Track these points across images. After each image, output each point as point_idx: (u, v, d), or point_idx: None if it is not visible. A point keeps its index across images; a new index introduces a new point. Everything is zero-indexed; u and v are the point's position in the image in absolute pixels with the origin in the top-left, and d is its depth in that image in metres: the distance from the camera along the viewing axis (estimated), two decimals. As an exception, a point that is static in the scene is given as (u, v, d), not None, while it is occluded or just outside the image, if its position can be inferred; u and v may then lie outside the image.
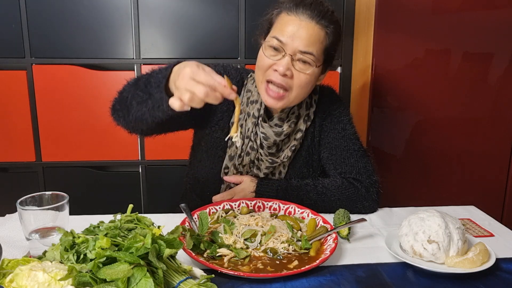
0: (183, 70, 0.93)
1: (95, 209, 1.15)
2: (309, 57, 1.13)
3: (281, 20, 1.16)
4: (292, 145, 1.28)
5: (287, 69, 1.13)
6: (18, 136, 2.03)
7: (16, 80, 1.97)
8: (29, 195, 0.93)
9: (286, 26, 1.13)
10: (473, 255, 0.91)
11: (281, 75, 1.13)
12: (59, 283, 0.73)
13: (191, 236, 0.94)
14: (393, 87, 2.07)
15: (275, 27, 1.17)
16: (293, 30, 1.12)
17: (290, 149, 1.28)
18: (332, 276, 0.89)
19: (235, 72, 1.34)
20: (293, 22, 1.13)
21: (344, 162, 1.26)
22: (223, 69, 1.32)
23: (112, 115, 1.19)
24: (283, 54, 1.13)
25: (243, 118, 1.29)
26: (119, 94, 1.16)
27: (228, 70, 1.33)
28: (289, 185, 1.23)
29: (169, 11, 1.97)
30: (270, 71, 1.15)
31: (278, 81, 1.14)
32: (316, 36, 1.13)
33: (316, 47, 1.14)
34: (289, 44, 1.12)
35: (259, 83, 1.20)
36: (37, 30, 1.94)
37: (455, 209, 1.26)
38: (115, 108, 1.17)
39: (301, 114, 1.29)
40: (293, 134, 1.28)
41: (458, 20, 2.01)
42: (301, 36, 1.12)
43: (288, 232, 1.02)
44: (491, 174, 2.22)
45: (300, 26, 1.12)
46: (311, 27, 1.13)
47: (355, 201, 1.21)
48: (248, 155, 1.28)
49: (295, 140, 1.28)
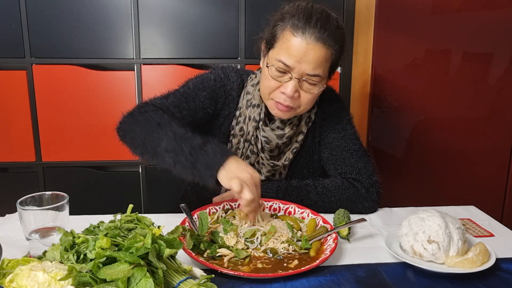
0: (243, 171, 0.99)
1: (95, 209, 1.15)
2: (316, 78, 1.12)
3: (286, 39, 1.11)
4: (293, 147, 1.28)
5: (294, 91, 1.12)
6: (18, 136, 2.03)
7: (16, 80, 1.97)
8: (29, 195, 0.92)
9: (292, 48, 1.09)
10: (473, 255, 0.91)
11: (289, 98, 1.13)
12: (59, 283, 0.73)
13: (191, 236, 0.94)
14: (393, 87, 2.07)
15: (280, 47, 1.12)
16: (300, 54, 1.08)
17: (292, 151, 1.28)
18: (332, 276, 0.89)
19: (235, 74, 1.31)
20: (299, 45, 1.08)
21: (344, 162, 1.26)
22: (223, 71, 1.31)
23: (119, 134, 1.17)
24: (289, 76, 1.11)
25: (243, 120, 1.27)
26: (141, 127, 1.11)
27: (227, 73, 1.31)
28: (289, 186, 1.23)
29: (169, 11, 1.97)
30: (276, 92, 1.14)
31: (286, 103, 1.13)
32: (323, 57, 1.10)
33: (323, 68, 1.12)
34: (296, 67, 1.10)
35: (265, 99, 1.20)
36: (37, 30, 1.94)
37: (455, 209, 1.26)
38: (129, 135, 1.13)
39: (303, 116, 1.28)
40: (295, 136, 1.28)
41: (458, 20, 2.01)
42: (308, 59, 1.09)
43: (288, 232, 1.02)
44: (491, 174, 2.22)
45: (308, 49, 1.08)
46: (318, 49, 1.09)
47: (355, 201, 1.21)
48: (248, 158, 1.27)
49: (297, 142, 1.28)
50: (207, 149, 1.02)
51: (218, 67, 1.33)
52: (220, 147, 1.03)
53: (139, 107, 1.18)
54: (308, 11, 1.11)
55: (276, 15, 1.17)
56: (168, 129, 1.07)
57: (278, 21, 1.14)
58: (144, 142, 1.09)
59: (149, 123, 1.10)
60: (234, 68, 1.35)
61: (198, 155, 1.01)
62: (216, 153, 1.01)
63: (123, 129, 1.16)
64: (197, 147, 1.02)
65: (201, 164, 1.00)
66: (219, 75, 1.29)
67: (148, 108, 1.17)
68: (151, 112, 1.15)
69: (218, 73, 1.29)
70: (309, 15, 1.10)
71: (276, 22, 1.15)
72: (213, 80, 1.28)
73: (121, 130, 1.16)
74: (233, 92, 1.29)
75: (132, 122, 1.14)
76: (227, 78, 1.30)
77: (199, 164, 1.00)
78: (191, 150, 1.02)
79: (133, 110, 1.18)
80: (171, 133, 1.06)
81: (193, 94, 1.24)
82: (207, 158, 1.00)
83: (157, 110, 1.16)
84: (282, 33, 1.12)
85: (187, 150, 1.02)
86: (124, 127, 1.16)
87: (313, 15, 1.10)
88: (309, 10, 1.11)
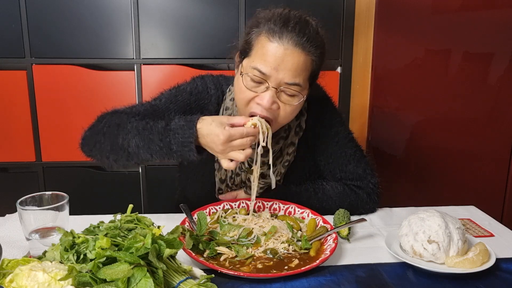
0: (212, 137, 0.95)
1: (95, 209, 1.15)
2: (296, 88, 1.02)
3: (261, 46, 1.01)
4: (285, 161, 1.20)
5: (272, 102, 1.02)
6: (18, 136, 2.03)
7: (16, 80, 1.98)
8: (29, 195, 0.92)
9: (268, 54, 0.99)
10: (473, 255, 0.91)
11: (265, 109, 1.03)
12: (59, 283, 0.73)
13: (191, 236, 0.94)
14: (393, 87, 2.06)
15: (255, 54, 1.02)
16: (277, 61, 0.99)
17: (283, 165, 1.20)
18: (332, 276, 0.89)
19: (214, 86, 1.22)
20: (276, 51, 0.99)
21: (342, 169, 1.22)
22: (201, 83, 1.22)
23: (84, 150, 1.13)
24: (266, 86, 1.02)
25: None
26: (104, 135, 1.07)
27: (206, 85, 1.22)
28: (288, 192, 1.20)
29: (169, 11, 1.97)
30: (252, 104, 1.04)
31: (263, 114, 1.03)
32: (302, 64, 1.01)
33: (302, 76, 1.02)
34: (273, 76, 1.00)
35: (241, 112, 1.10)
36: (37, 30, 1.94)
37: (455, 209, 1.26)
38: (95, 147, 1.09)
39: (292, 126, 1.19)
40: (285, 148, 1.19)
41: (458, 20, 2.01)
42: (286, 66, 0.99)
43: (288, 232, 1.02)
44: (491, 174, 2.22)
45: (285, 55, 0.99)
46: (297, 55, 0.99)
47: (356, 206, 1.20)
48: (239, 176, 1.21)
49: (288, 155, 1.20)
50: (173, 127, 0.99)
51: (198, 77, 1.24)
52: (183, 119, 1.00)
53: (98, 117, 1.15)
54: (285, 16, 1.03)
55: (251, 21, 1.08)
56: (129, 126, 1.04)
57: (253, 27, 1.05)
58: (112, 148, 1.05)
59: (110, 128, 1.07)
60: (215, 78, 1.25)
61: (168, 138, 0.99)
62: (183, 126, 0.98)
63: (87, 143, 1.12)
64: (162, 130, 1.00)
65: (176, 144, 0.98)
66: (197, 87, 1.21)
67: (106, 115, 1.13)
68: (108, 117, 1.11)
69: (196, 85, 1.21)
70: (286, 19, 1.02)
71: (251, 29, 1.05)
72: (189, 93, 1.20)
73: (85, 145, 1.12)
74: (210, 106, 1.21)
75: (94, 133, 1.10)
76: (205, 91, 1.21)
77: (174, 145, 0.98)
78: (160, 136, 0.99)
79: (92, 123, 1.14)
80: (134, 130, 1.03)
81: (163, 108, 1.17)
82: (178, 136, 0.98)
83: (114, 113, 1.12)
84: (257, 39, 1.03)
85: (156, 138, 1.00)
86: (87, 142, 1.12)
87: (291, 20, 1.02)
88: (286, 15, 1.03)
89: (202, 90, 1.21)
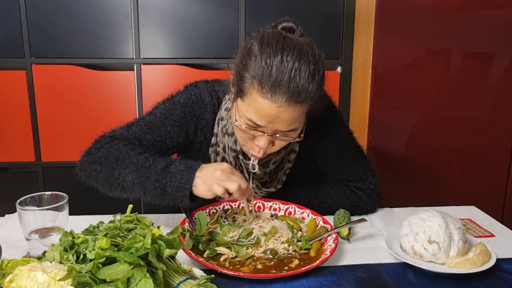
0: (214, 173, 0.97)
1: (95, 209, 1.15)
2: (292, 132, 1.02)
3: (254, 98, 0.96)
4: (286, 168, 1.20)
5: (268, 144, 1.03)
6: (18, 136, 2.03)
7: (16, 80, 1.98)
8: (29, 195, 0.92)
9: (262, 110, 0.96)
10: (473, 256, 0.91)
11: (262, 149, 1.03)
12: (58, 283, 0.72)
13: (190, 236, 0.94)
14: (393, 87, 2.06)
15: (249, 103, 0.98)
16: (272, 117, 0.96)
17: (284, 172, 1.20)
18: (332, 276, 0.89)
19: (208, 95, 1.18)
20: (269, 108, 0.95)
21: (343, 170, 1.22)
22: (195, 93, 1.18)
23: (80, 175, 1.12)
24: (262, 131, 1.01)
25: (223, 149, 1.17)
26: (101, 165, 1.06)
27: (201, 95, 1.18)
28: (289, 193, 1.20)
29: (169, 11, 1.97)
30: (250, 143, 1.05)
31: (260, 154, 1.04)
32: (298, 114, 0.98)
33: (299, 121, 1.01)
34: (268, 127, 0.99)
35: (239, 143, 1.11)
36: (37, 30, 1.94)
37: (455, 209, 1.26)
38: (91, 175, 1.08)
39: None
40: (286, 156, 1.19)
41: (458, 20, 2.01)
42: (281, 120, 0.97)
43: (288, 232, 1.02)
44: (491, 174, 2.22)
45: (279, 111, 0.95)
46: (291, 110, 0.96)
47: (357, 207, 1.21)
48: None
49: (289, 162, 1.19)
50: (172, 170, 0.98)
51: (192, 86, 1.20)
52: (184, 164, 0.99)
53: (96, 142, 1.12)
54: (277, 66, 0.93)
55: (243, 52, 1.00)
56: (128, 161, 1.03)
57: (244, 71, 0.98)
58: (108, 179, 1.04)
59: (108, 159, 1.05)
60: (209, 85, 1.20)
61: (165, 180, 0.98)
62: (182, 172, 0.98)
63: (84, 169, 1.10)
64: (161, 171, 0.99)
65: (171, 187, 0.97)
66: (190, 97, 1.17)
67: (105, 141, 1.11)
68: (107, 145, 1.08)
69: (190, 95, 1.18)
70: (278, 72, 0.93)
71: (242, 72, 0.98)
72: (183, 106, 1.16)
73: (82, 171, 1.11)
74: (206, 115, 1.18)
75: (91, 161, 1.08)
76: (200, 100, 1.17)
77: (169, 188, 0.98)
78: (157, 176, 0.98)
79: (90, 147, 1.12)
80: (132, 165, 1.02)
81: (159, 124, 1.14)
82: (175, 180, 0.97)
83: (113, 141, 1.10)
84: (249, 90, 0.97)
85: (152, 177, 0.99)
86: (84, 167, 1.10)
87: (283, 71, 0.93)
88: (278, 63, 0.93)
89: (197, 99, 1.18)
